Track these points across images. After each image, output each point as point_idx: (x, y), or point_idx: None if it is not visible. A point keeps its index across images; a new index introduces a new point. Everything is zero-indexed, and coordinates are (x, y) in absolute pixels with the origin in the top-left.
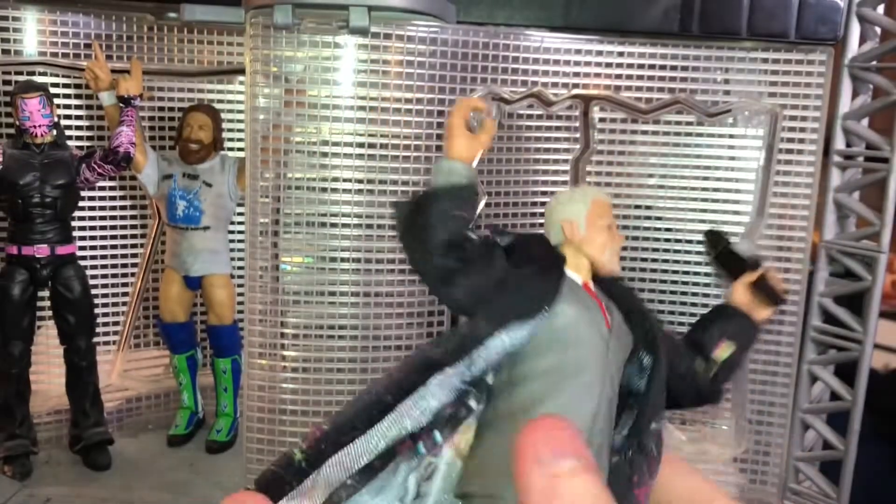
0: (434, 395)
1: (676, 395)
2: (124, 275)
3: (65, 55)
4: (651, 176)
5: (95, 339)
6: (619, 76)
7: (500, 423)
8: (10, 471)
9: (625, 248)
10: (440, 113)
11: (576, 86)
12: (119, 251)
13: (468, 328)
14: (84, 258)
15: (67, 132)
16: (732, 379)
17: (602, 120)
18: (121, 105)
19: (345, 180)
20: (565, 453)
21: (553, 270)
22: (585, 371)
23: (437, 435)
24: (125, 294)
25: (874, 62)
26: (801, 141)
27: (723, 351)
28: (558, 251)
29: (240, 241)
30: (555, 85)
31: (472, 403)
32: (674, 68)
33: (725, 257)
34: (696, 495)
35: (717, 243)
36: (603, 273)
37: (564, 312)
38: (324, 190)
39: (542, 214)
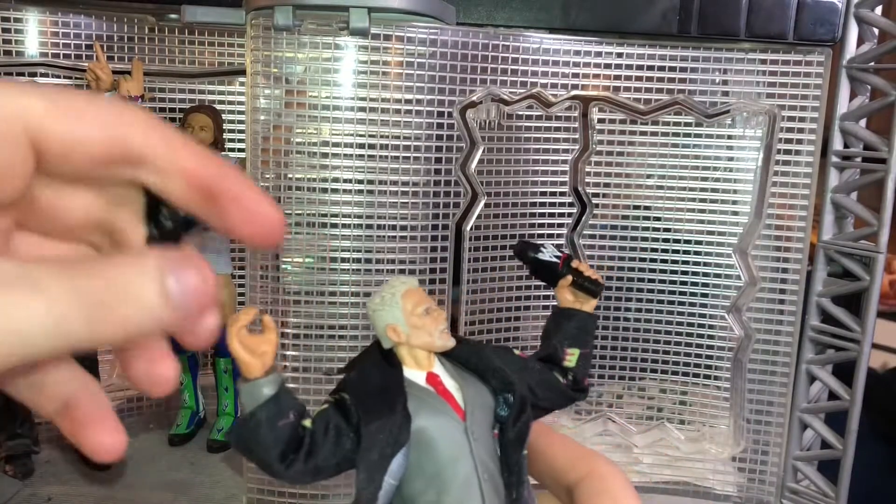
0: None
1: (548, 404)
2: None
3: (66, 56)
4: (650, 176)
5: None
6: (618, 77)
7: None
8: (11, 470)
9: (623, 249)
10: (440, 114)
11: (575, 87)
12: None
13: (355, 496)
14: None
15: None
16: (587, 372)
17: (601, 121)
18: None
19: (345, 181)
20: None
21: (394, 394)
22: (459, 466)
23: None
24: None
25: (872, 63)
26: (800, 142)
27: (570, 359)
28: (392, 357)
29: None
30: (554, 86)
31: None
32: (672, 69)
33: (537, 269)
34: (578, 463)
35: (524, 258)
36: (440, 351)
37: (420, 429)
38: (324, 190)
39: (541, 216)
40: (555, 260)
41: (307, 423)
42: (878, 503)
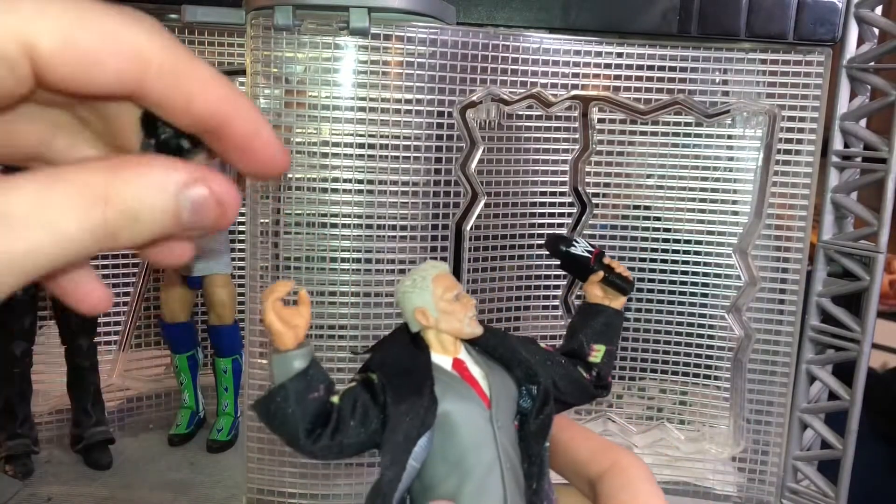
0: None
1: (570, 399)
2: (125, 275)
3: None
4: (650, 176)
5: (97, 339)
6: (618, 77)
7: None
8: (11, 470)
9: (624, 248)
10: (440, 114)
11: (575, 87)
12: (120, 252)
13: (379, 476)
14: None
15: None
16: (611, 368)
17: (601, 121)
18: None
19: (345, 181)
20: None
21: (422, 376)
22: (483, 453)
23: None
24: (126, 294)
25: (872, 63)
26: (800, 141)
27: (596, 355)
28: (419, 341)
29: (240, 241)
30: (554, 86)
31: None
32: (672, 69)
33: (568, 263)
34: (600, 456)
35: (555, 251)
36: (468, 338)
37: (445, 413)
38: (324, 190)
39: (541, 216)
40: (587, 255)
41: (335, 399)
42: (878, 503)
